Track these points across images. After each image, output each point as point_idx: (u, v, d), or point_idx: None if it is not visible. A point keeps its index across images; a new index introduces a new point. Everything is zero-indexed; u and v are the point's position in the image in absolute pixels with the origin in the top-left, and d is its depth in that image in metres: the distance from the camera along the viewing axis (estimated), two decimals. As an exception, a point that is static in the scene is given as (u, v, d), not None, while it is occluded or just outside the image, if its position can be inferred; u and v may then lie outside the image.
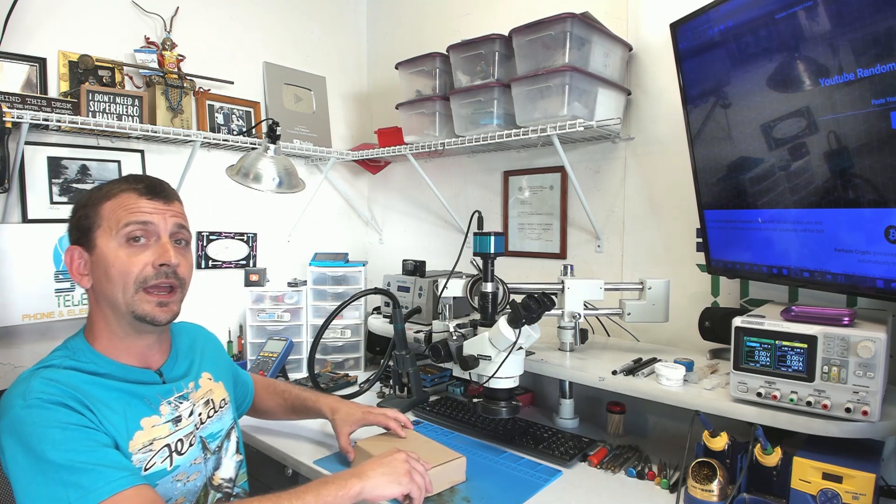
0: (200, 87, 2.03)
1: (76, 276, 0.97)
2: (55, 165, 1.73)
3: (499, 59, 1.75)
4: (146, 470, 0.92)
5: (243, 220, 2.22)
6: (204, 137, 1.91)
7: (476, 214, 1.48)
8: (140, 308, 0.94)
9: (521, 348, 1.33)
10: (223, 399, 1.16)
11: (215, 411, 1.11)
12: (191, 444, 1.01)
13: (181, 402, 1.02)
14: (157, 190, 0.99)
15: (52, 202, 1.72)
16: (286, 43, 2.35)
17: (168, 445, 0.96)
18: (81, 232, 0.97)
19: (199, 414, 1.07)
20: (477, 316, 1.46)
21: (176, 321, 1.14)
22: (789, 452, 1.06)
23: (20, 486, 0.80)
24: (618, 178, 1.79)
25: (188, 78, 1.94)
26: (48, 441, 0.80)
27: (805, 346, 1.04)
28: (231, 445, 1.14)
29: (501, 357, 1.30)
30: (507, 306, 1.44)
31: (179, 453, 0.97)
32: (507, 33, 1.69)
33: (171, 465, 0.96)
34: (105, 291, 0.95)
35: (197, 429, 1.05)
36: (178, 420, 0.99)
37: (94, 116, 1.68)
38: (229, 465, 1.12)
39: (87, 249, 0.96)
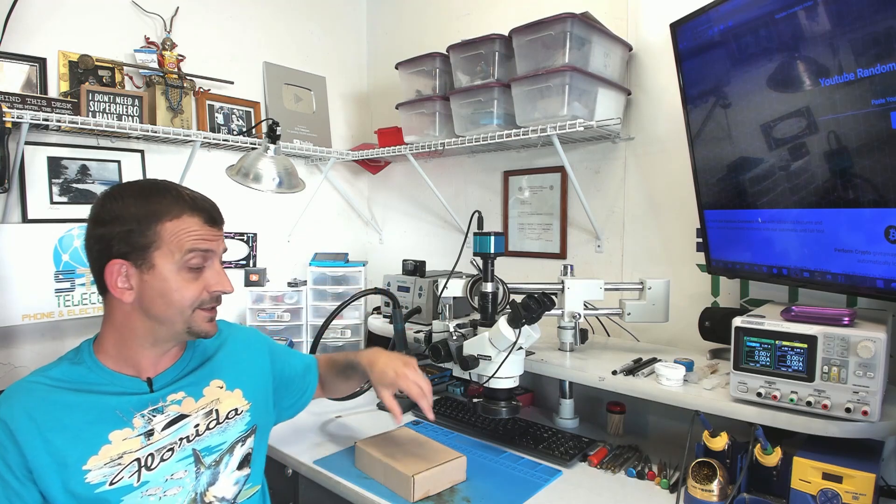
0: (200, 87, 2.03)
1: (116, 290, 0.94)
2: (55, 165, 1.73)
3: (499, 59, 1.75)
4: (112, 484, 0.91)
5: (243, 220, 2.22)
6: (204, 137, 1.91)
7: (476, 214, 1.48)
8: (197, 326, 0.99)
9: (521, 348, 1.33)
10: (234, 409, 1.09)
11: (218, 423, 1.05)
12: (163, 459, 0.97)
13: (154, 415, 0.98)
14: (216, 218, 1.02)
15: (52, 202, 1.72)
16: (286, 43, 2.35)
17: (138, 460, 0.94)
18: (133, 247, 0.93)
19: (197, 426, 1.02)
20: (477, 316, 1.46)
21: (218, 320, 1.21)
22: (789, 452, 1.06)
23: None
24: (618, 178, 1.79)
25: (188, 78, 1.94)
26: None
27: (805, 346, 1.04)
28: (232, 460, 1.06)
29: (501, 357, 1.30)
30: (507, 306, 1.44)
31: (149, 468, 0.95)
32: (507, 33, 1.69)
33: (138, 480, 0.93)
34: (157, 309, 0.95)
35: (190, 441, 1.01)
36: (149, 434, 0.97)
37: (94, 116, 1.68)
38: (226, 482, 1.05)
39: (139, 266, 0.94)
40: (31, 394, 0.92)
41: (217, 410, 1.06)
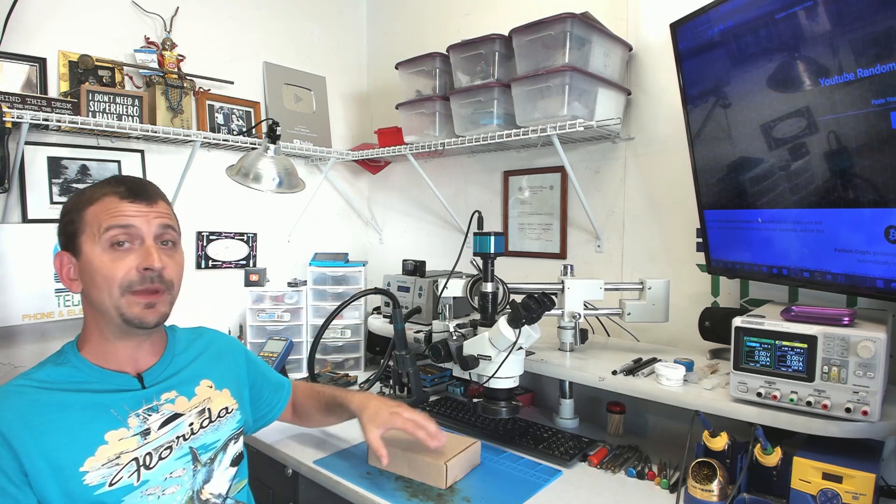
0: (200, 87, 2.03)
1: (66, 282, 0.97)
2: (55, 165, 1.73)
3: (499, 59, 1.75)
4: (112, 485, 0.90)
5: (243, 220, 2.22)
6: (204, 137, 1.91)
7: (476, 214, 1.48)
8: (128, 311, 0.94)
9: (521, 348, 1.33)
10: (224, 408, 1.11)
11: (210, 421, 1.07)
12: (161, 458, 0.97)
13: (150, 415, 0.97)
14: (138, 192, 0.97)
15: (52, 202, 1.72)
16: (286, 43, 2.35)
17: (136, 459, 0.94)
18: (68, 237, 0.96)
19: (191, 424, 1.03)
20: (477, 316, 1.46)
21: (197, 326, 1.20)
22: (789, 452, 1.06)
23: None
24: (618, 178, 1.79)
25: (188, 78, 1.94)
26: None
27: (805, 346, 1.04)
28: (226, 458, 1.08)
29: (501, 357, 1.30)
30: (507, 306, 1.44)
31: (148, 467, 0.94)
32: (507, 33, 1.69)
33: (138, 479, 0.93)
34: (92, 296, 0.95)
35: (186, 439, 1.01)
36: (146, 433, 0.96)
37: (94, 116, 1.68)
38: (221, 479, 1.06)
39: (74, 255, 0.96)
40: (21, 396, 0.90)
41: (209, 409, 1.08)
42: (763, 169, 1.25)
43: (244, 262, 2.21)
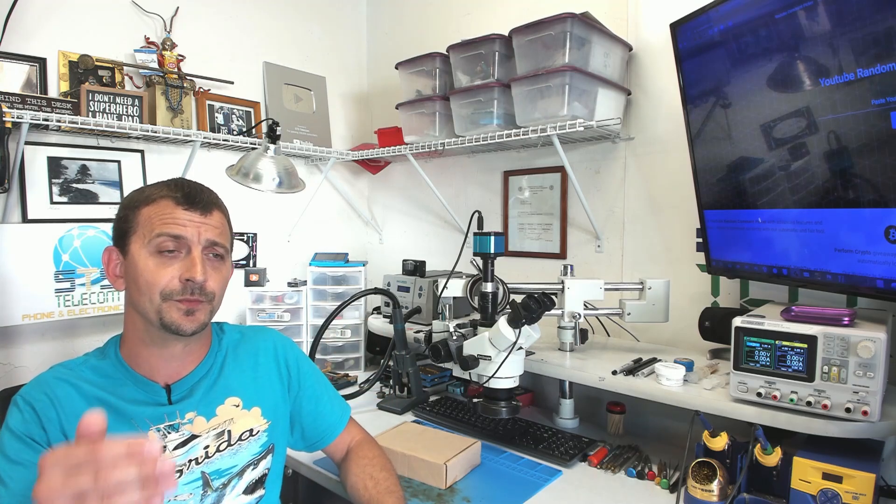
0: (200, 87, 2.03)
1: (111, 277, 0.96)
2: (55, 165, 1.73)
3: (499, 59, 1.75)
4: None
5: (243, 220, 2.22)
6: (204, 137, 1.91)
7: (476, 214, 1.48)
8: (167, 315, 0.91)
9: (521, 348, 1.33)
10: (248, 430, 1.03)
11: (229, 444, 1.00)
12: None
13: (169, 432, 0.94)
14: (194, 200, 0.96)
15: (52, 202, 1.72)
16: (286, 43, 2.35)
17: None
18: (119, 234, 0.95)
19: (206, 447, 0.97)
20: (477, 316, 1.46)
21: (252, 325, 1.14)
22: (789, 452, 1.06)
23: None
24: (618, 178, 1.79)
25: (188, 78, 1.94)
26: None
27: (805, 346, 1.04)
28: (240, 484, 1.01)
29: (501, 357, 1.30)
30: (507, 306, 1.44)
31: None
32: (507, 33, 1.69)
33: None
34: (133, 297, 0.94)
35: (199, 463, 0.96)
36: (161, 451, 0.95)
37: (94, 116, 1.68)
38: None
39: (123, 253, 0.94)
40: (58, 383, 0.90)
41: (229, 431, 1.01)
42: (763, 169, 1.25)
43: (244, 262, 2.21)
